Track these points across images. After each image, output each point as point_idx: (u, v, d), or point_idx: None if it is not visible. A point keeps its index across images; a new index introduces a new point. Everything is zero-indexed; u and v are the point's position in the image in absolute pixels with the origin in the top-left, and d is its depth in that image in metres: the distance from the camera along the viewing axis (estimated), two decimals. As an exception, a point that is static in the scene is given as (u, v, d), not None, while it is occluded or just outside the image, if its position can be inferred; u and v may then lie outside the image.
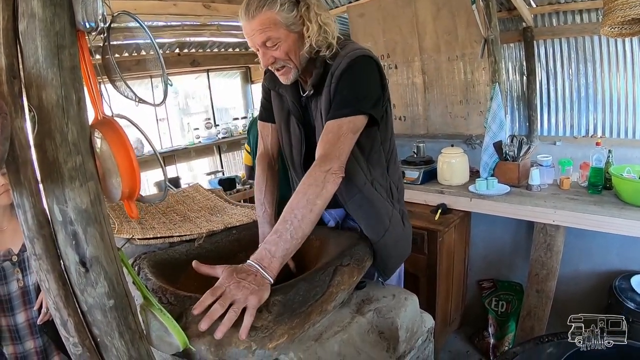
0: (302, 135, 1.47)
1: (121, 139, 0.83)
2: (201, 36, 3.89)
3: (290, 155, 1.56)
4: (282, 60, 1.31)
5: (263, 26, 1.24)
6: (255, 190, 1.56)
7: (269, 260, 1.09)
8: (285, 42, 1.27)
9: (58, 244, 0.81)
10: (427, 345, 1.48)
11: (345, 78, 1.30)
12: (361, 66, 1.31)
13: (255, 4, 1.23)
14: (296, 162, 1.54)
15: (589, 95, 2.86)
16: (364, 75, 1.32)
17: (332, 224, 1.61)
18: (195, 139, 4.59)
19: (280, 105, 1.53)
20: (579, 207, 2.26)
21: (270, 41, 1.26)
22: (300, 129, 1.47)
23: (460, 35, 3.07)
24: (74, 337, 0.83)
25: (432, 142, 3.40)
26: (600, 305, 2.46)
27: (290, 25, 1.26)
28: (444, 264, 2.71)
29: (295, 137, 1.50)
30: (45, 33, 0.74)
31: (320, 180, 1.19)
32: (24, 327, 1.73)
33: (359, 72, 1.31)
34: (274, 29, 1.24)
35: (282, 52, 1.29)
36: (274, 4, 1.22)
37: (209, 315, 0.98)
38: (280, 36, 1.26)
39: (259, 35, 1.25)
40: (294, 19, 1.26)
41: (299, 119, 1.47)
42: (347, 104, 1.28)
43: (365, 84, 1.32)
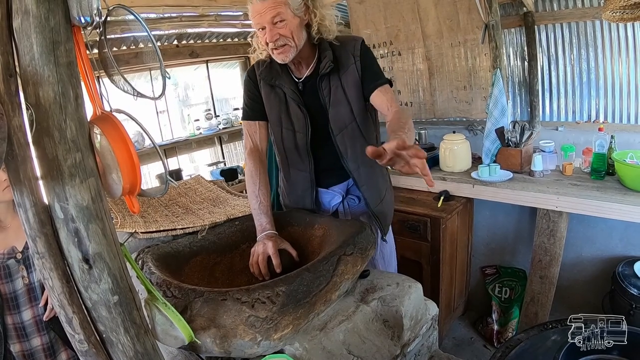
0: (307, 118, 1.61)
1: (120, 134, 0.83)
2: (199, 27, 3.85)
3: (293, 141, 1.65)
4: (285, 37, 1.46)
5: (275, 3, 1.40)
6: (249, 183, 1.61)
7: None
8: (291, 23, 1.45)
9: (60, 242, 0.81)
10: (432, 332, 1.49)
11: (367, 56, 1.58)
12: (367, 47, 1.62)
13: None
14: (301, 145, 1.64)
15: (591, 81, 2.83)
16: (372, 53, 1.63)
17: (338, 197, 1.75)
18: (196, 130, 4.57)
19: (276, 97, 1.64)
20: (582, 193, 2.25)
21: (279, 17, 1.42)
22: (304, 112, 1.61)
23: (462, 21, 3.03)
24: (80, 334, 0.84)
25: (434, 129, 3.38)
26: (603, 291, 2.47)
27: (296, 9, 1.45)
28: (447, 251, 2.71)
29: (299, 122, 1.62)
30: (40, 29, 0.74)
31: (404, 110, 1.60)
32: (31, 324, 1.74)
33: (370, 51, 1.62)
34: (284, 8, 1.42)
35: (287, 30, 1.45)
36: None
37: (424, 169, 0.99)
38: (288, 17, 1.43)
39: (269, 12, 1.41)
40: (299, 6, 1.46)
41: (300, 103, 1.61)
42: (378, 76, 1.58)
43: (376, 60, 1.63)
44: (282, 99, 1.63)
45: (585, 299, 2.65)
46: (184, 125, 4.65)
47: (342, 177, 1.73)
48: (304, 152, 1.66)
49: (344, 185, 1.75)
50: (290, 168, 1.73)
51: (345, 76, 1.57)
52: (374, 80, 1.56)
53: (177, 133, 4.60)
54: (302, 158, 1.68)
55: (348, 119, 1.60)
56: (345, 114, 1.59)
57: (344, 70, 1.57)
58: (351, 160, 1.64)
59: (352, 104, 1.59)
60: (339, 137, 1.61)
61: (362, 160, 1.64)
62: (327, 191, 1.75)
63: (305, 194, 1.72)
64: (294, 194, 1.76)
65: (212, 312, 1.05)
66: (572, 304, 2.68)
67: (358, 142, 1.62)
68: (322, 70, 1.55)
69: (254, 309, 1.04)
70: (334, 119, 1.60)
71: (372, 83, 1.56)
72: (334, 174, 1.71)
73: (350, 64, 1.56)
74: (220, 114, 4.86)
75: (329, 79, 1.57)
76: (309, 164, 1.67)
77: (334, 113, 1.59)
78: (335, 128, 1.61)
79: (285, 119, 1.64)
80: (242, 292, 1.08)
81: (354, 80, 1.57)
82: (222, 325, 1.03)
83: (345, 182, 1.75)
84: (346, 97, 1.58)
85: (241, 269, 1.53)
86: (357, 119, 1.60)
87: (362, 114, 1.61)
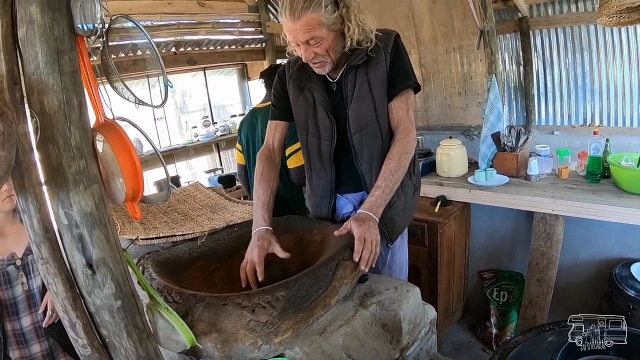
0: (334, 126, 1.56)
1: (123, 141, 0.84)
2: (197, 34, 3.88)
3: (317, 148, 1.62)
4: (321, 56, 1.42)
5: (308, 27, 1.34)
6: (254, 180, 1.62)
7: (376, 209, 1.37)
8: (327, 41, 1.39)
9: (64, 247, 0.82)
10: (430, 336, 1.49)
11: (398, 54, 1.51)
12: (402, 44, 1.55)
13: (300, 5, 1.31)
14: (324, 154, 1.61)
15: (586, 84, 2.86)
16: (406, 51, 1.55)
17: (350, 207, 1.72)
18: (194, 137, 4.57)
19: (305, 101, 1.60)
20: (578, 196, 2.27)
21: (314, 40, 1.37)
22: (332, 120, 1.56)
23: (456, 27, 3.07)
24: (83, 339, 0.84)
25: (431, 134, 3.40)
26: (600, 294, 2.48)
27: (331, 24, 1.37)
28: (445, 255, 2.72)
29: (326, 129, 1.58)
30: (44, 38, 0.75)
31: (409, 148, 1.50)
32: (30, 330, 1.74)
33: (404, 49, 1.54)
34: (317, 29, 1.35)
35: (323, 49, 1.40)
36: (318, 6, 1.32)
37: (364, 259, 1.26)
38: (323, 35, 1.37)
39: (302, 34, 1.36)
40: (335, 19, 1.37)
41: (329, 110, 1.56)
42: (407, 77, 1.52)
43: (408, 59, 1.56)
44: (311, 104, 1.58)
45: (583, 301, 2.66)
46: (182, 132, 4.65)
47: (360, 186, 1.64)
48: (327, 160, 1.61)
49: (359, 195, 1.70)
50: (313, 173, 1.69)
51: (374, 72, 1.49)
52: (400, 82, 1.51)
53: (175, 140, 4.60)
54: (324, 166, 1.63)
55: (370, 118, 1.53)
56: (367, 112, 1.52)
57: (373, 65, 1.49)
58: (365, 162, 1.57)
59: (377, 102, 1.51)
60: (357, 136, 1.54)
61: (376, 164, 1.55)
62: (342, 198, 1.71)
63: (323, 201, 1.69)
64: (314, 199, 1.73)
65: (213, 316, 1.05)
66: (570, 306, 2.68)
67: (376, 144, 1.55)
68: (352, 61, 1.48)
69: (254, 313, 1.05)
70: (354, 116, 1.53)
71: (398, 85, 1.51)
72: (352, 180, 1.65)
73: (381, 60, 1.48)
74: (217, 120, 4.86)
75: (355, 73, 1.50)
76: (331, 173, 1.63)
77: (356, 109, 1.52)
78: (354, 126, 1.54)
79: (312, 124, 1.60)
80: (243, 297, 1.08)
81: (381, 77, 1.50)
82: (223, 330, 1.03)
83: (361, 192, 1.68)
84: (371, 94, 1.51)
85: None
86: (379, 119, 1.53)
87: (384, 114, 1.54)
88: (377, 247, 1.30)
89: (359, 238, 1.26)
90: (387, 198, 1.42)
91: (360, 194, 1.69)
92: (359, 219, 1.32)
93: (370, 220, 1.33)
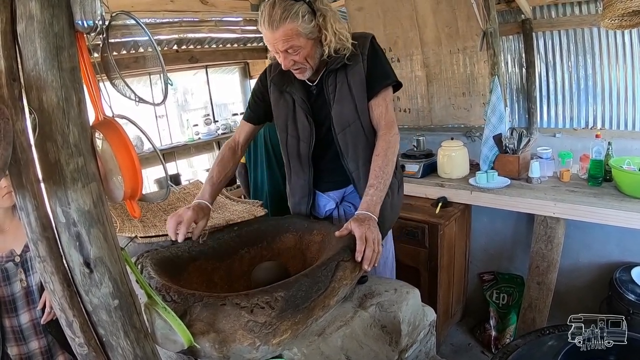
0: (313, 128, 1.62)
1: (122, 139, 0.83)
2: (199, 32, 3.88)
3: (296, 149, 1.68)
4: (300, 63, 1.48)
5: (286, 37, 1.39)
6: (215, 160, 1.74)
7: (374, 207, 1.39)
8: (305, 49, 1.44)
9: (62, 246, 0.82)
10: (429, 338, 1.49)
11: (375, 54, 1.57)
12: (378, 45, 1.61)
13: (278, 16, 1.36)
14: (303, 154, 1.66)
15: (589, 87, 2.85)
16: (382, 52, 1.62)
17: (332, 204, 1.76)
18: (195, 135, 4.58)
19: (285, 103, 1.66)
20: (579, 200, 2.26)
21: (292, 49, 1.43)
22: (311, 122, 1.62)
23: (460, 28, 3.05)
24: (80, 338, 0.84)
25: (432, 135, 3.39)
26: (600, 297, 2.47)
27: (309, 34, 1.42)
28: (445, 257, 2.71)
29: (305, 131, 1.63)
30: (44, 35, 0.74)
31: (393, 142, 1.53)
32: (28, 327, 1.73)
33: (380, 49, 1.61)
34: (295, 39, 1.40)
35: (301, 57, 1.46)
36: (296, 16, 1.37)
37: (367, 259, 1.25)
38: (301, 44, 1.43)
39: (281, 43, 1.41)
40: (312, 28, 1.43)
41: (309, 112, 1.62)
42: (383, 77, 1.57)
43: (386, 59, 1.62)
44: (291, 106, 1.64)
45: (582, 305, 2.65)
46: (183, 130, 4.65)
47: (340, 183, 1.72)
48: (305, 161, 1.67)
49: (340, 192, 1.75)
50: (292, 173, 1.75)
51: (352, 73, 1.55)
52: (379, 82, 1.56)
53: (176, 138, 4.61)
54: (302, 166, 1.69)
55: (352, 117, 1.58)
56: (349, 111, 1.58)
57: (351, 67, 1.55)
58: (351, 160, 1.62)
59: (357, 102, 1.57)
60: (341, 136, 1.60)
61: (362, 161, 1.61)
62: (323, 195, 1.75)
63: (302, 200, 1.74)
64: (293, 198, 1.78)
65: (211, 316, 1.05)
66: (569, 310, 2.65)
67: (360, 142, 1.61)
68: (330, 66, 1.54)
69: (252, 314, 1.04)
70: (337, 116, 1.58)
71: (377, 85, 1.56)
72: (333, 178, 1.71)
73: (358, 62, 1.55)
74: (219, 119, 4.87)
75: (335, 75, 1.56)
76: (309, 173, 1.68)
77: (338, 110, 1.58)
78: (338, 126, 1.59)
79: (291, 126, 1.66)
80: (241, 297, 1.08)
81: (360, 78, 1.55)
82: (221, 330, 1.03)
83: (342, 189, 1.74)
84: (351, 94, 1.56)
85: (240, 274, 1.53)
86: (360, 117, 1.58)
87: (365, 112, 1.60)
88: (379, 246, 1.30)
89: (361, 238, 1.27)
90: (382, 195, 1.45)
91: (341, 191, 1.75)
92: (358, 219, 1.33)
93: (370, 219, 1.34)
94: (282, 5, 1.36)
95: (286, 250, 1.62)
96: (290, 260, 1.56)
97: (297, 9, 1.36)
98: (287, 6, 1.36)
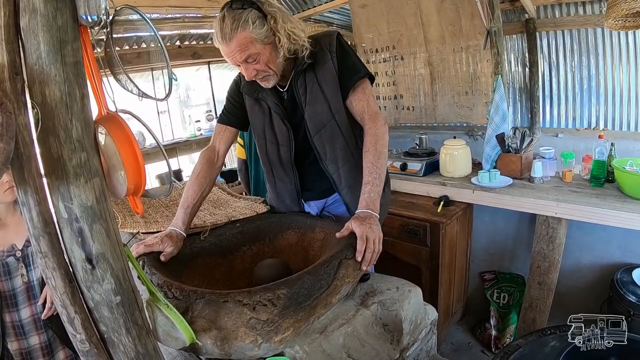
0: (290, 132, 1.59)
1: (126, 134, 0.83)
2: (202, 28, 3.87)
3: (277, 155, 1.65)
4: (263, 71, 1.44)
5: (241, 46, 1.36)
6: (189, 179, 1.61)
7: (373, 204, 1.37)
8: (264, 55, 1.40)
9: (64, 242, 0.81)
10: (430, 337, 1.49)
11: (343, 50, 1.53)
12: (344, 41, 1.57)
13: (229, 27, 1.33)
14: (284, 159, 1.63)
15: (592, 88, 2.85)
16: (350, 47, 1.59)
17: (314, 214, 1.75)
18: (197, 131, 4.58)
19: (260, 110, 1.63)
20: (581, 200, 2.25)
21: (251, 57, 1.39)
22: (288, 126, 1.59)
23: (464, 27, 3.05)
24: (81, 334, 0.83)
25: (435, 134, 3.39)
26: (601, 298, 2.47)
27: (264, 38, 1.38)
28: (446, 256, 2.71)
29: (283, 135, 1.60)
30: (47, 28, 0.74)
31: (381, 134, 1.49)
32: (29, 322, 1.73)
33: (347, 45, 1.57)
34: (251, 46, 1.37)
35: (262, 64, 1.42)
36: (246, 24, 1.34)
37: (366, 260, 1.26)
38: (258, 51, 1.39)
39: (239, 54, 1.37)
40: (266, 33, 1.37)
41: (284, 116, 1.58)
42: (356, 69, 1.53)
43: (354, 53, 1.59)
44: (267, 113, 1.61)
45: (583, 306, 2.65)
46: (185, 126, 4.65)
47: (322, 193, 1.71)
48: (287, 165, 1.64)
49: (321, 202, 1.74)
50: (276, 179, 1.72)
51: (322, 73, 1.52)
52: (351, 75, 1.52)
53: (178, 133, 4.61)
54: (286, 171, 1.66)
55: (326, 118, 1.55)
56: (322, 112, 1.54)
57: (320, 66, 1.52)
58: (330, 162, 1.59)
59: (330, 101, 1.54)
60: (317, 138, 1.57)
61: (342, 162, 1.59)
62: (305, 204, 1.74)
63: (293, 204, 1.72)
64: (283, 203, 1.75)
65: (213, 313, 1.04)
66: (570, 310, 2.64)
67: (337, 142, 1.58)
68: (297, 67, 1.50)
69: (255, 311, 1.04)
70: (311, 118, 1.55)
71: (349, 79, 1.52)
72: (315, 186, 1.69)
73: (327, 60, 1.51)
74: (221, 115, 4.86)
75: (304, 77, 1.53)
76: (294, 177, 1.66)
77: (311, 112, 1.54)
78: (313, 128, 1.56)
79: (269, 132, 1.63)
80: (244, 295, 1.07)
81: (331, 76, 1.52)
82: (223, 327, 1.03)
83: (324, 199, 1.73)
84: (323, 94, 1.53)
85: (242, 271, 1.53)
86: (335, 117, 1.55)
87: (341, 111, 1.56)
88: (380, 245, 1.29)
89: (361, 237, 1.26)
90: (379, 190, 1.42)
91: (322, 201, 1.74)
92: (359, 217, 1.33)
93: (370, 217, 1.33)
94: (230, 16, 1.33)
95: (288, 247, 1.61)
96: (292, 258, 1.55)
97: (245, 16, 1.33)
98: (236, 16, 1.33)
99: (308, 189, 1.70)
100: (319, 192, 1.71)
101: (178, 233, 1.44)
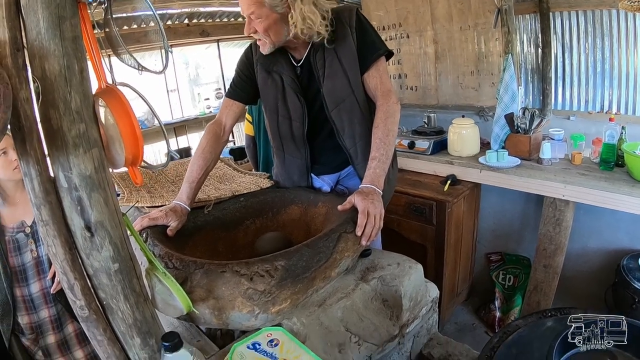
0: (305, 107, 1.58)
1: (124, 106, 0.85)
2: (211, 6, 3.85)
3: (289, 130, 1.64)
4: (260, 34, 1.43)
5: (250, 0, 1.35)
6: (194, 153, 1.61)
7: (378, 180, 1.38)
8: (266, 20, 1.38)
9: (64, 210, 0.84)
10: (431, 315, 1.49)
11: (363, 26, 1.53)
12: (363, 16, 1.56)
13: None
14: (297, 134, 1.63)
15: (605, 71, 2.77)
16: (369, 23, 1.57)
17: (327, 188, 1.74)
18: (206, 109, 4.60)
19: (273, 84, 1.61)
20: (590, 183, 2.23)
21: (254, 15, 1.37)
22: (302, 102, 1.58)
23: (473, 4, 2.98)
24: (81, 300, 0.87)
25: (443, 113, 3.35)
26: (607, 284, 2.46)
27: (275, 6, 1.35)
28: (453, 235, 2.72)
29: (297, 111, 1.59)
30: (46, 5, 0.75)
31: (392, 111, 1.49)
32: (39, 296, 1.78)
33: (366, 20, 1.56)
34: (258, 6, 1.35)
35: (261, 28, 1.40)
36: None
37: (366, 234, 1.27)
38: (262, 14, 1.37)
39: (246, 6, 1.37)
40: (279, 3, 1.35)
41: (299, 91, 1.57)
42: (376, 46, 1.54)
43: (373, 29, 1.58)
44: (280, 87, 1.59)
45: (588, 290, 2.64)
46: (194, 104, 4.67)
47: (335, 167, 1.72)
48: (300, 141, 1.64)
49: (335, 176, 1.75)
50: (286, 154, 1.72)
51: (342, 48, 1.51)
52: (371, 52, 1.53)
53: (187, 111, 4.64)
54: (297, 146, 1.66)
55: (345, 93, 1.55)
56: (341, 87, 1.54)
57: (339, 41, 1.51)
58: (348, 136, 1.60)
59: (350, 76, 1.54)
60: (335, 112, 1.57)
61: (359, 137, 1.60)
62: (317, 179, 1.74)
63: (301, 179, 1.72)
64: (290, 179, 1.75)
65: (211, 283, 1.07)
66: (575, 294, 2.67)
67: (356, 117, 1.59)
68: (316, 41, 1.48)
69: (252, 282, 1.06)
70: (330, 93, 1.55)
71: (369, 55, 1.53)
72: (328, 160, 1.69)
73: (347, 35, 1.51)
74: (230, 93, 4.86)
75: (323, 52, 1.52)
76: (305, 152, 1.66)
77: (330, 86, 1.54)
78: (331, 103, 1.56)
79: (282, 107, 1.61)
80: (242, 265, 1.09)
81: (350, 52, 1.52)
82: (221, 297, 1.05)
83: (337, 173, 1.74)
84: (343, 69, 1.53)
85: (244, 244, 1.55)
86: (355, 92, 1.55)
87: (359, 87, 1.57)
88: (381, 221, 1.31)
89: (363, 212, 1.28)
90: (385, 167, 1.43)
91: (335, 175, 1.75)
92: (362, 192, 1.34)
93: (373, 193, 1.34)
94: None
95: (291, 221, 1.62)
96: (294, 232, 1.57)
97: None
98: None
99: (320, 163, 1.71)
100: (333, 167, 1.72)
101: (182, 207, 1.45)
